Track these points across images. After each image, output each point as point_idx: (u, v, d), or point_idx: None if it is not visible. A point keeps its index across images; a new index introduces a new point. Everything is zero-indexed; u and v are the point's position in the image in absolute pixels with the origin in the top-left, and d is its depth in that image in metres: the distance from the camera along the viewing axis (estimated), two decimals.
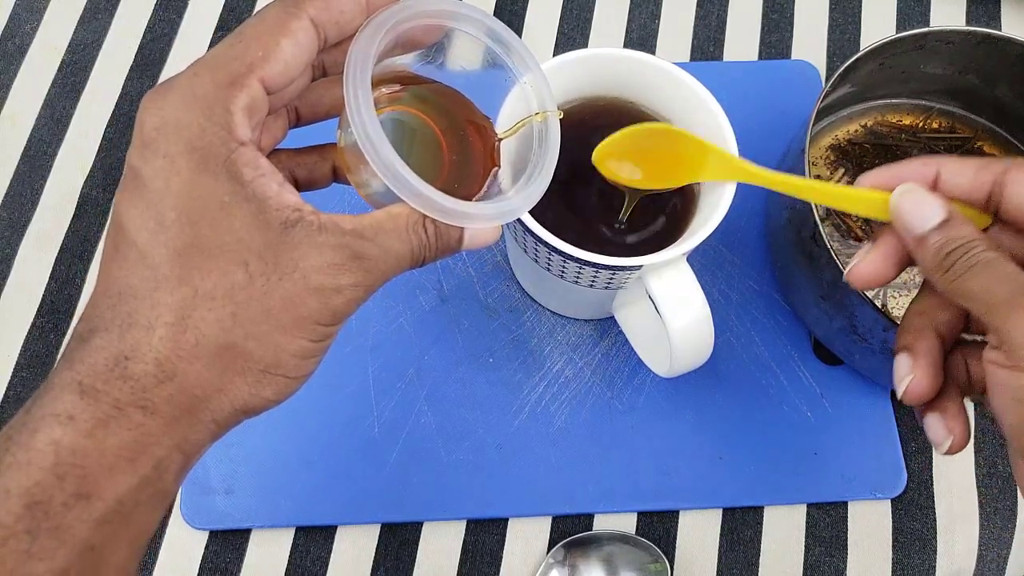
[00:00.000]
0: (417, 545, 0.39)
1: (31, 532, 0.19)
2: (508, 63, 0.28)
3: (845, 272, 0.27)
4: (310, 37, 0.23)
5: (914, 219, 0.25)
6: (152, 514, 0.22)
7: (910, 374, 0.26)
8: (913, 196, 0.26)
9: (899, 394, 0.26)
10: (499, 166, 0.29)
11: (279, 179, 0.23)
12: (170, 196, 0.22)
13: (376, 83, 0.25)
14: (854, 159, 0.44)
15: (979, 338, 0.27)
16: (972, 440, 0.42)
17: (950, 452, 0.26)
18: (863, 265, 0.27)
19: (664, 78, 0.34)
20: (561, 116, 0.29)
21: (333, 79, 0.27)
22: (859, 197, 0.27)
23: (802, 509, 0.41)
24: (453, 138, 0.28)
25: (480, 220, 0.25)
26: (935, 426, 0.26)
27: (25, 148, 0.47)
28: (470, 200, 0.27)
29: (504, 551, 0.39)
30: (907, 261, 0.27)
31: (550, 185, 0.27)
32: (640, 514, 0.40)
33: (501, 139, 0.29)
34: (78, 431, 0.20)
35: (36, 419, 0.21)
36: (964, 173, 0.26)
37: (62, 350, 0.22)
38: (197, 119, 0.22)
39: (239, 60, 0.22)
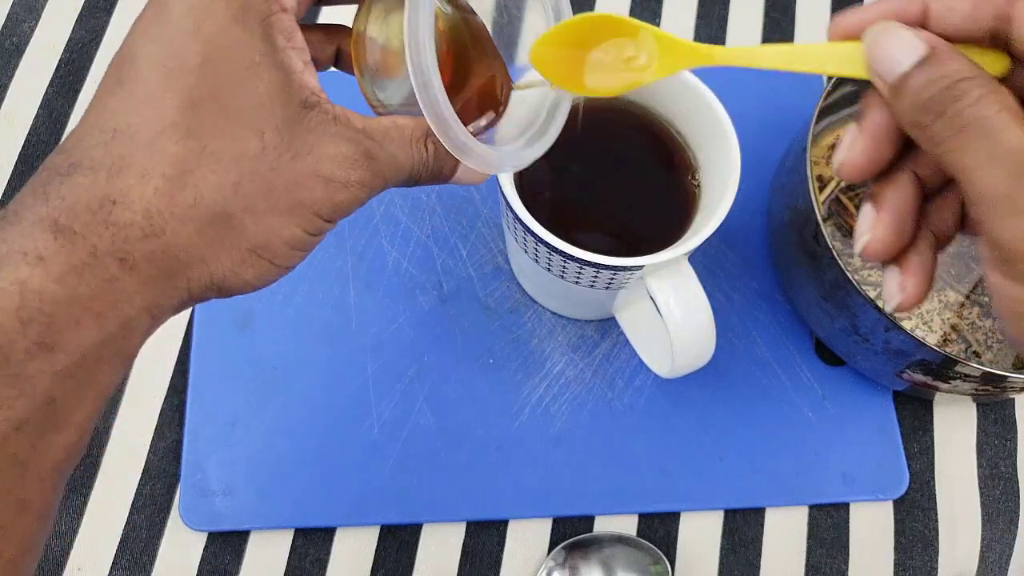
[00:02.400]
0: (416, 547, 0.39)
1: None
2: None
3: (834, 167, 0.23)
4: None
5: (889, 61, 0.20)
6: (114, 374, 0.20)
7: (872, 229, 0.22)
8: (885, 34, 0.20)
9: (857, 249, 0.23)
10: (503, 108, 0.28)
11: (306, 58, 0.22)
12: (199, 39, 0.20)
13: None
14: None
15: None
16: (974, 441, 0.42)
17: (898, 310, 0.23)
18: (848, 153, 0.22)
19: (666, 77, 0.34)
20: (577, 103, 0.28)
21: None
22: (826, 52, 0.22)
23: (803, 510, 0.40)
24: (455, 62, 0.27)
25: (478, 160, 0.24)
26: (890, 281, 0.23)
27: (23, 148, 0.46)
28: None
29: (504, 553, 0.39)
30: (903, 137, 0.22)
31: (552, 184, 0.27)
32: (641, 515, 0.40)
33: (513, 88, 0.28)
34: (48, 274, 0.18)
35: (0, 255, 0.19)
36: (958, 8, 0.20)
37: (30, 181, 0.20)
38: None
39: None
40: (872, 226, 0.22)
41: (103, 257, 0.19)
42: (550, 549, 0.39)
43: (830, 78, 0.38)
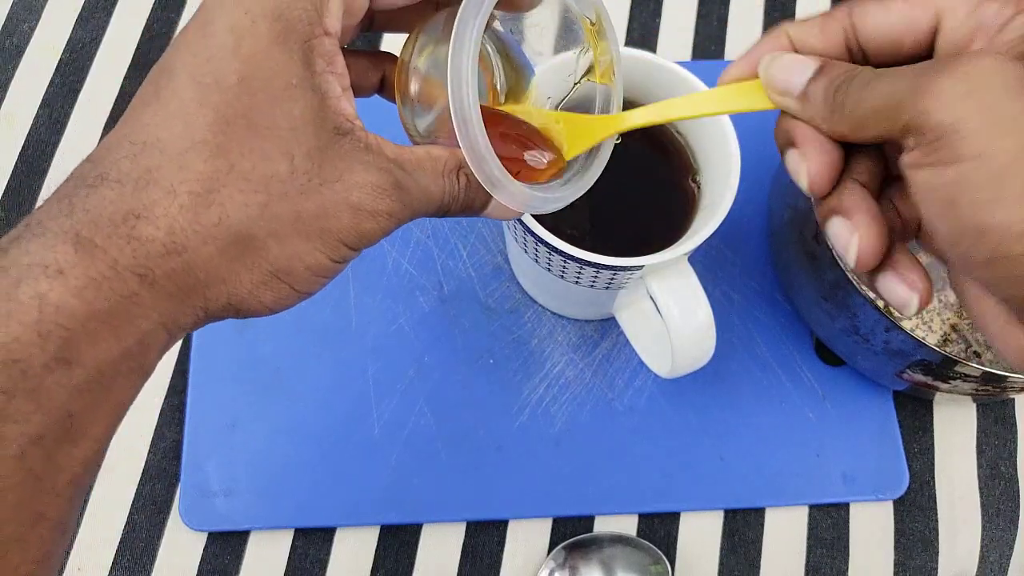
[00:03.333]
0: (416, 547, 0.39)
1: (7, 392, 0.18)
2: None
3: (804, 190, 0.23)
4: None
5: (790, 78, 0.23)
6: (131, 389, 0.20)
7: (854, 233, 0.22)
8: (778, 60, 0.23)
9: (852, 263, 0.23)
10: (554, 177, 0.28)
11: (345, 83, 0.22)
12: (238, 57, 0.20)
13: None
14: None
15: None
16: (974, 441, 0.42)
17: (919, 308, 0.23)
18: (814, 171, 0.23)
19: (666, 77, 0.34)
20: (619, 141, 0.28)
21: None
22: (732, 93, 0.25)
23: (804, 510, 0.40)
24: (503, 124, 0.27)
25: (510, 197, 0.24)
26: (895, 286, 0.23)
27: (23, 148, 0.46)
28: None
29: (504, 553, 0.39)
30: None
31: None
32: (641, 516, 0.40)
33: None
34: (67, 287, 0.18)
35: (21, 266, 0.18)
36: (811, 30, 0.24)
37: (57, 189, 0.20)
38: None
39: None
40: (851, 232, 0.22)
41: (123, 271, 0.19)
42: (550, 549, 0.39)
43: None
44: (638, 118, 0.27)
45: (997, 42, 0.21)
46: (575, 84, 0.29)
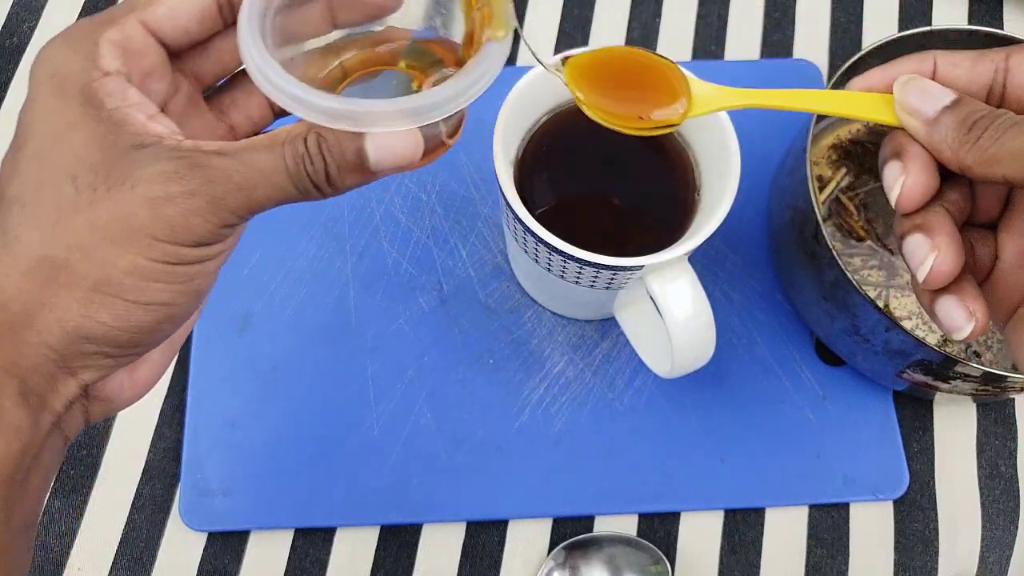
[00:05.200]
0: (416, 547, 0.39)
1: None
2: None
3: (893, 202, 0.25)
4: None
5: (924, 103, 0.24)
6: (2, 446, 0.20)
7: (934, 251, 0.23)
8: (918, 83, 0.25)
9: (921, 277, 0.24)
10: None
11: (151, 111, 0.22)
12: (25, 118, 0.22)
13: (371, 43, 0.25)
14: (856, 158, 0.44)
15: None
16: (974, 441, 0.42)
17: (971, 336, 0.24)
18: (909, 185, 0.24)
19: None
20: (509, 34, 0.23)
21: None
22: (859, 100, 0.26)
23: (804, 511, 0.40)
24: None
25: (376, 121, 0.21)
26: (954, 309, 0.24)
27: None
28: None
29: (504, 553, 0.39)
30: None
31: (552, 184, 0.27)
32: (641, 516, 0.40)
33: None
34: None
35: None
36: (961, 64, 0.25)
37: None
38: (64, 52, 0.22)
39: (125, 5, 0.23)
40: (931, 249, 0.24)
41: None
42: (550, 549, 0.39)
43: (830, 79, 0.38)
44: (749, 99, 0.27)
45: None
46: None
